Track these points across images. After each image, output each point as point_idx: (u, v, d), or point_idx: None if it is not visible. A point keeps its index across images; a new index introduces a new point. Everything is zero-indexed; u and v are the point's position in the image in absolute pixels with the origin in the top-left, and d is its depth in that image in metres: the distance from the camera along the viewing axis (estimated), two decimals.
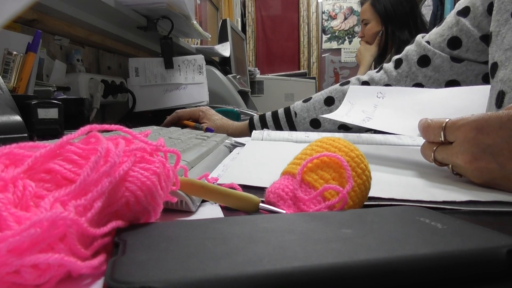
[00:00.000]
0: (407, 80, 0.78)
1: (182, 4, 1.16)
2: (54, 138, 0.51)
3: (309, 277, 0.17)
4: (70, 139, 0.22)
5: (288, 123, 0.89)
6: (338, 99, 0.84)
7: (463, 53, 0.73)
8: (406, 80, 0.78)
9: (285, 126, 0.90)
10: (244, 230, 0.22)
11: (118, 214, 0.23)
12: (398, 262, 0.18)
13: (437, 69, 0.75)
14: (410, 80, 0.78)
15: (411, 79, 0.78)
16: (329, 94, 0.87)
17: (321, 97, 0.88)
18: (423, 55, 0.77)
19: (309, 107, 0.87)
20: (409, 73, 0.78)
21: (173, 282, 0.15)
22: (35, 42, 0.74)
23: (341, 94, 0.83)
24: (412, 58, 0.78)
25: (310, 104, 0.88)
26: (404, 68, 0.79)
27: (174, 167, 0.27)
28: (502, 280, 0.19)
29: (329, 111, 0.81)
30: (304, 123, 0.88)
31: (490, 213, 0.33)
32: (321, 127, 0.87)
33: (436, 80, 0.76)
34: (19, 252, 0.17)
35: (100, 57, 1.31)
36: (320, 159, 0.30)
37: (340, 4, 4.72)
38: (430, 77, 0.76)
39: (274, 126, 0.90)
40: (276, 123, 0.90)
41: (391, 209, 0.27)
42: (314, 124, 0.87)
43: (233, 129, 0.93)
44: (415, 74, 0.77)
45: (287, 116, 0.90)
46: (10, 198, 0.18)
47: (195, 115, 0.97)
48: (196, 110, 0.98)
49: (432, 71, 0.76)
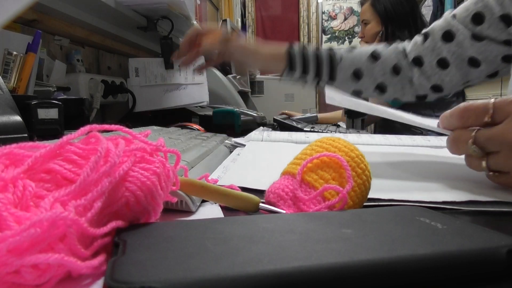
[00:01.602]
0: (432, 55, 0.77)
1: (182, 4, 1.16)
2: (54, 138, 0.51)
3: (309, 277, 0.17)
4: (70, 139, 0.22)
5: (330, 67, 0.80)
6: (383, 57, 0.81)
7: (484, 30, 0.71)
8: (432, 54, 0.77)
9: (327, 70, 0.80)
10: (244, 230, 0.22)
11: (118, 214, 0.23)
12: (398, 262, 0.18)
13: (460, 45, 0.74)
14: (436, 55, 0.77)
15: (437, 54, 0.77)
16: (374, 49, 0.82)
17: (367, 49, 0.82)
18: (447, 30, 0.75)
19: (354, 56, 0.81)
20: (435, 48, 0.77)
21: (173, 282, 0.15)
22: (35, 42, 0.74)
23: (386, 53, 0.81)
24: (437, 33, 0.77)
25: (355, 52, 0.82)
26: (430, 43, 0.78)
27: (174, 167, 0.27)
28: (502, 280, 0.19)
29: (373, 66, 0.79)
30: (347, 71, 0.80)
31: (490, 213, 0.32)
32: (362, 78, 0.80)
33: (459, 55, 0.74)
34: (19, 252, 0.17)
35: (100, 57, 1.32)
36: (320, 159, 0.30)
37: (340, 4, 4.72)
38: (454, 52, 0.75)
39: (316, 67, 0.80)
40: (318, 65, 0.80)
41: (391, 209, 0.27)
42: (356, 75, 0.80)
43: (262, 56, 0.79)
44: (440, 49, 0.76)
45: (331, 58, 0.81)
46: (10, 198, 0.18)
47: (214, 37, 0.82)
48: (217, 33, 0.83)
49: (456, 46, 0.74)
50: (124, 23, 1.21)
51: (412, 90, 0.81)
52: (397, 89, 0.81)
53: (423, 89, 0.80)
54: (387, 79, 0.80)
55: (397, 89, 0.81)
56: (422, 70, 0.78)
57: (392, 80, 0.80)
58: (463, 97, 1.65)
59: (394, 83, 0.80)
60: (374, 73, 0.79)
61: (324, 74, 0.80)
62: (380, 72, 0.79)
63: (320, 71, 0.80)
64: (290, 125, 1.03)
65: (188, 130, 0.79)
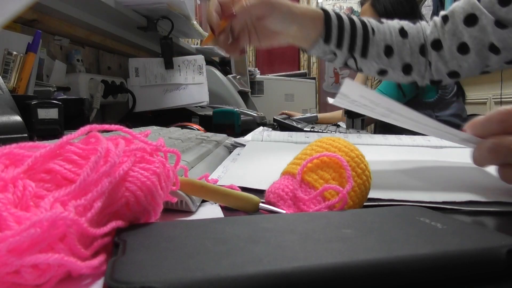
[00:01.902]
0: (453, 39, 0.72)
1: (182, 4, 1.16)
2: (54, 138, 0.51)
3: (309, 277, 0.16)
4: (70, 139, 0.22)
5: (364, 38, 0.72)
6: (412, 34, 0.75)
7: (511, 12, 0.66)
8: (453, 38, 0.72)
9: (360, 43, 0.72)
10: (244, 230, 0.22)
11: (118, 214, 0.23)
12: (398, 262, 0.18)
13: (483, 30, 0.68)
14: (457, 39, 0.71)
15: (458, 38, 0.71)
16: (402, 25, 0.75)
17: (396, 25, 0.75)
18: (470, 13, 0.69)
19: (385, 30, 0.74)
20: (456, 32, 0.71)
21: (173, 282, 0.15)
22: (35, 42, 0.74)
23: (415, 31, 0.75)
24: (459, 16, 0.71)
25: (386, 26, 0.74)
26: (450, 26, 0.72)
27: (174, 167, 0.27)
28: (502, 280, 0.19)
29: (403, 44, 0.73)
30: (378, 45, 0.73)
31: (490, 213, 0.32)
32: (392, 56, 0.74)
33: (481, 40, 0.69)
34: (19, 252, 0.17)
35: (100, 57, 1.32)
36: (320, 159, 0.30)
37: (340, 4, 4.72)
38: (476, 38, 0.69)
39: (350, 39, 0.71)
40: (353, 37, 0.71)
41: (391, 209, 0.27)
42: (387, 51, 0.73)
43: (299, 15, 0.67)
44: (461, 33, 0.71)
45: (364, 29, 0.72)
46: (10, 198, 0.18)
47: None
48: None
49: (479, 31, 0.69)
50: (124, 23, 1.21)
51: (429, 74, 0.76)
52: (420, 72, 0.76)
53: (440, 74, 0.75)
54: (413, 60, 0.74)
55: (421, 71, 0.75)
56: (440, 54, 0.73)
57: (418, 61, 0.75)
58: (463, 97, 1.65)
59: (419, 65, 0.75)
60: (403, 51, 0.74)
61: (357, 48, 0.72)
62: (409, 52, 0.74)
63: (353, 45, 0.71)
64: (290, 125, 1.03)
65: (188, 130, 0.79)
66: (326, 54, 0.72)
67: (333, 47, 0.70)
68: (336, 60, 0.74)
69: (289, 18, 0.65)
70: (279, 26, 0.65)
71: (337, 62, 0.74)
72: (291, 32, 0.67)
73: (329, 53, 0.72)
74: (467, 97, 1.72)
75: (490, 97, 2.79)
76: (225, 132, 0.84)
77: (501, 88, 2.59)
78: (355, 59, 0.73)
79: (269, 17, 0.63)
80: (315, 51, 0.72)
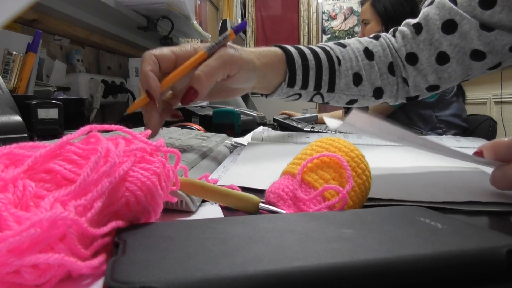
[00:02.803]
0: (431, 49, 0.66)
1: (182, 4, 1.16)
2: (54, 138, 0.51)
3: (309, 277, 0.16)
4: (70, 139, 0.22)
5: (330, 72, 0.66)
6: (377, 54, 0.69)
7: (496, 14, 0.61)
8: (430, 49, 0.66)
9: (325, 74, 0.65)
10: (244, 230, 0.22)
11: (118, 214, 0.23)
12: (398, 262, 0.18)
13: (464, 36, 0.64)
14: (434, 49, 0.66)
15: (435, 48, 0.66)
16: (366, 45, 0.69)
17: (359, 46, 0.69)
18: (448, 19, 0.64)
19: (350, 56, 0.68)
20: (433, 41, 0.66)
21: (173, 282, 0.15)
22: (35, 42, 0.75)
23: (380, 49, 0.69)
24: (435, 23, 0.65)
25: (350, 51, 0.68)
26: (426, 35, 0.66)
27: (174, 167, 0.27)
28: (502, 280, 0.19)
29: (370, 67, 0.68)
30: (346, 76, 0.67)
31: (490, 213, 0.32)
32: (361, 84, 0.68)
33: (461, 48, 0.64)
34: (19, 252, 0.17)
35: (100, 57, 1.32)
36: (320, 159, 0.30)
37: (340, 4, 4.72)
38: (456, 45, 0.64)
39: (316, 75, 0.64)
40: (318, 66, 0.64)
41: (391, 209, 0.27)
42: (356, 79, 0.67)
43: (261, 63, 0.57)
44: (439, 41, 0.65)
45: (330, 62, 0.66)
46: (10, 198, 0.18)
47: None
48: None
49: (459, 38, 0.64)
50: (124, 23, 1.21)
51: (404, 92, 0.71)
52: (392, 92, 0.70)
53: (418, 90, 0.70)
54: (383, 81, 0.69)
55: (392, 91, 0.70)
56: (417, 68, 0.68)
57: (388, 82, 0.69)
58: (463, 97, 1.65)
59: (390, 85, 0.70)
60: (372, 75, 0.68)
61: (323, 85, 0.65)
62: (378, 74, 0.68)
63: (319, 82, 0.65)
64: (290, 125, 1.03)
65: (188, 130, 0.79)
66: (290, 96, 0.66)
67: (297, 89, 0.64)
68: (300, 99, 0.68)
69: (253, 74, 0.55)
70: (242, 84, 0.56)
71: (301, 100, 0.68)
72: (251, 85, 0.59)
73: (293, 94, 0.65)
74: (467, 97, 1.72)
75: (490, 97, 2.79)
76: (225, 132, 0.84)
77: (501, 88, 2.59)
78: (322, 95, 0.67)
79: (233, 77, 0.52)
80: (277, 96, 0.65)
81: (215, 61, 0.49)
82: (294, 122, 1.08)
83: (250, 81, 0.56)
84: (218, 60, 0.49)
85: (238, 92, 0.60)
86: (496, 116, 2.48)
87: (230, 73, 0.51)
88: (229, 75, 0.51)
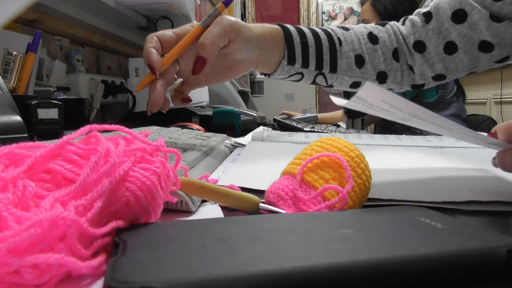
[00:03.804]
0: (439, 38, 0.66)
1: (182, 4, 1.16)
2: (54, 138, 0.51)
3: (309, 277, 0.16)
4: (70, 139, 0.22)
5: (331, 51, 0.65)
6: (382, 39, 0.69)
7: (506, 6, 0.61)
8: (439, 38, 0.66)
9: (326, 53, 0.65)
10: (244, 230, 0.22)
11: (118, 214, 0.23)
12: (398, 262, 0.18)
13: (473, 26, 0.64)
14: (443, 38, 0.66)
15: (444, 37, 0.66)
16: (370, 30, 0.69)
17: (363, 30, 0.69)
18: (458, 9, 0.64)
19: (353, 38, 0.67)
20: (442, 30, 0.66)
21: (173, 282, 0.15)
22: (35, 42, 0.75)
23: (385, 35, 0.69)
24: (445, 12, 0.65)
25: (352, 34, 0.68)
26: (435, 24, 0.66)
27: (174, 167, 0.27)
28: (502, 280, 0.19)
29: (374, 51, 0.68)
30: (348, 57, 0.66)
31: (490, 213, 0.32)
32: (364, 66, 0.67)
33: (470, 39, 0.64)
34: (19, 252, 0.17)
35: (100, 57, 1.32)
36: (320, 159, 0.30)
37: (340, 5, 4.72)
38: (465, 36, 0.64)
39: (316, 53, 0.64)
40: (317, 45, 0.64)
41: (391, 209, 0.27)
42: (358, 61, 0.67)
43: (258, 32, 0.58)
44: (448, 31, 0.65)
45: (330, 42, 0.65)
46: (10, 198, 0.18)
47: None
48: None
49: (468, 28, 0.64)
50: (124, 23, 1.21)
51: (410, 79, 0.71)
52: (396, 78, 0.70)
53: (424, 78, 0.69)
54: (387, 66, 0.68)
55: (396, 77, 0.70)
56: (424, 56, 0.67)
57: (392, 67, 0.69)
58: (463, 97, 1.65)
59: (394, 71, 0.69)
60: (375, 59, 0.68)
61: (325, 64, 0.65)
62: (381, 58, 0.68)
63: (320, 61, 0.64)
64: (290, 125, 1.03)
65: (188, 130, 0.79)
66: (292, 75, 0.65)
67: (298, 67, 0.63)
68: (303, 80, 0.67)
69: (253, 42, 0.56)
70: (245, 52, 0.56)
71: (304, 81, 0.67)
72: (254, 58, 0.59)
73: (295, 74, 0.64)
74: (467, 97, 1.72)
75: (490, 97, 2.79)
76: (225, 132, 0.84)
77: (501, 88, 2.59)
78: (324, 76, 0.66)
79: (234, 43, 0.53)
80: (279, 75, 0.64)
81: (215, 27, 0.51)
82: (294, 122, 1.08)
83: (250, 50, 0.57)
84: (218, 25, 0.51)
85: (242, 67, 0.60)
86: (496, 116, 2.48)
87: (230, 37, 0.53)
88: (230, 39, 0.53)
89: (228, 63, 0.58)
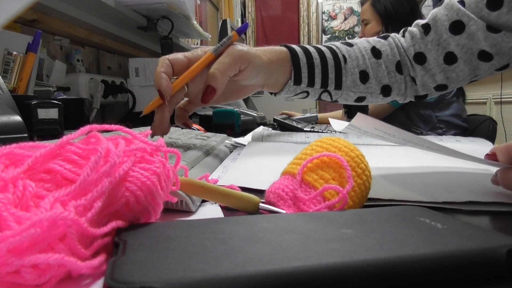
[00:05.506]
0: (438, 49, 0.67)
1: (182, 4, 1.16)
2: (54, 138, 0.51)
3: (309, 277, 0.16)
4: (70, 139, 0.22)
5: (336, 69, 0.66)
6: (385, 53, 0.70)
7: (503, 15, 0.62)
8: (438, 49, 0.67)
9: (331, 71, 0.66)
10: (244, 230, 0.22)
11: (118, 214, 0.23)
12: (398, 262, 0.18)
13: (471, 37, 0.64)
14: (442, 49, 0.67)
15: (443, 48, 0.67)
16: (373, 45, 0.70)
17: (366, 45, 0.70)
18: (456, 20, 0.65)
19: (357, 54, 0.69)
20: (440, 41, 0.67)
21: (173, 282, 0.15)
22: (35, 42, 0.75)
23: (388, 48, 0.71)
24: (443, 23, 0.66)
25: (356, 50, 0.69)
26: (434, 36, 0.67)
27: (174, 167, 0.27)
28: (502, 280, 0.19)
29: (377, 65, 0.69)
30: (353, 73, 0.67)
31: (490, 213, 0.32)
32: (368, 81, 0.68)
33: (469, 49, 0.65)
34: (19, 252, 0.17)
35: (100, 57, 1.32)
36: (320, 159, 0.30)
37: (340, 4, 4.72)
38: (463, 46, 0.65)
39: (321, 73, 0.65)
40: (323, 64, 0.65)
41: (391, 209, 0.27)
42: (363, 77, 0.68)
43: (267, 59, 0.59)
44: (447, 42, 0.66)
45: (335, 60, 0.67)
46: (10, 198, 0.18)
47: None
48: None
49: (466, 39, 0.65)
50: (124, 23, 1.21)
51: (413, 90, 0.72)
52: (400, 90, 0.71)
53: (426, 89, 0.71)
54: (391, 80, 0.70)
55: (400, 89, 0.71)
56: (425, 67, 0.69)
57: (396, 79, 0.70)
58: (463, 97, 1.65)
59: (398, 83, 0.70)
60: (379, 73, 0.69)
61: (330, 82, 0.66)
62: (385, 72, 0.69)
63: (326, 80, 0.66)
64: (290, 125, 1.03)
65: (188, 130, 0.79)
66: (298, 94, 0.67)
67: (304, 87, 0.65)
68: (308, 97, 0.69)
69: (262, 69, 0.58)
70: (253, 80, 0.58)
71: (310, 98, 0.69)
72: (261, 82, 0.60)
73: (300, 92, 0.66)
74: (467, 97, 1.72)
75: (490, 97, 2.79)
76: (225, 132, 0.85)
77: (501, 88, 2.59)
78: (329, 93, 0.68)
79: (244, 72, 0.54)
80: (285, 94, 0.66)
81: (226, 58, 0.52)
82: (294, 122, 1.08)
83: (258, 77, 0.58)
84: (229, 56, 0.52)
85: (249, 90, 0.62)
86: (496, 116, 2.48)
87: (241, 68, 0.54)
88: (240, 69, 0.54)
89: (235, 87, 0.60)
